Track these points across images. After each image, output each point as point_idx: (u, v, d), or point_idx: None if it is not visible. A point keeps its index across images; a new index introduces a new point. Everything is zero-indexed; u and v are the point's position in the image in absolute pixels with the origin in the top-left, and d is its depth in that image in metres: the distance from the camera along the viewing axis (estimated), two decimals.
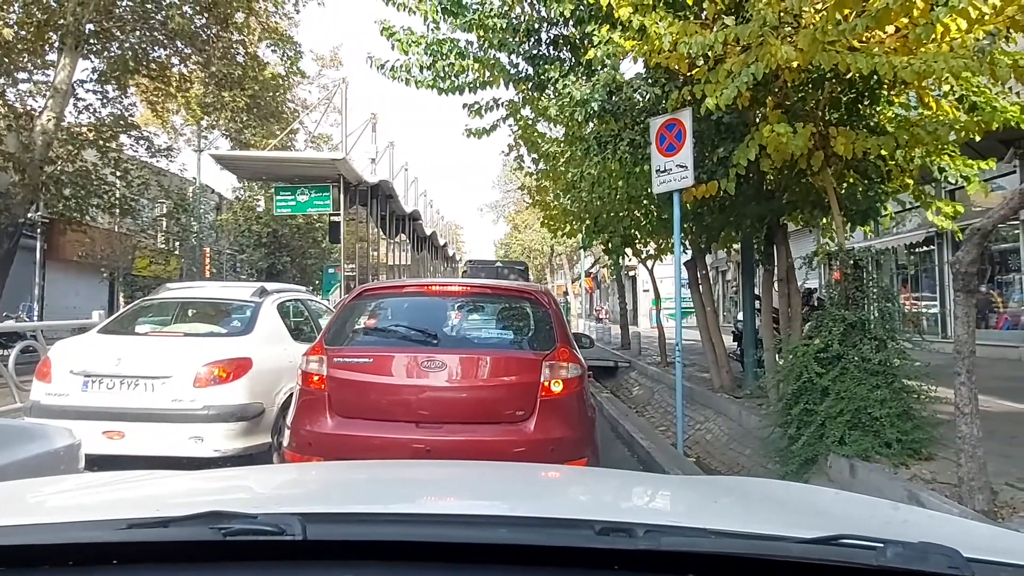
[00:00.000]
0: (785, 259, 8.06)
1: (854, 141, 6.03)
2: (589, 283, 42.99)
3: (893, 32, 5.42)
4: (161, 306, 7.36)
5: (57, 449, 3.02)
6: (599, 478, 2.55)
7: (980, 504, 3.96)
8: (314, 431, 4.56)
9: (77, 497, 1.76)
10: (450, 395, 4.58)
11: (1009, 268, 13.52)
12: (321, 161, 23.46)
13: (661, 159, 6.85)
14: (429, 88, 7.92)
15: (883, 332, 5.50)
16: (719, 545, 1.10)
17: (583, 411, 4.70)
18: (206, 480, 2.16)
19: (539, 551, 1.10)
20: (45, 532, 1.19)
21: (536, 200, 16.85)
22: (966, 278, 4.10)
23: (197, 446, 5.62)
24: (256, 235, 30.29)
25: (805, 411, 5.47)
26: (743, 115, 6.82)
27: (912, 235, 15.70)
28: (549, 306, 5.02)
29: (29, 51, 17.13)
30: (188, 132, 30.46)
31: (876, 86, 6.40)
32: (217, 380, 5.79)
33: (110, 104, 19.24)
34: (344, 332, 5.04)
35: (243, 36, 19.88)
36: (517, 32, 7.69)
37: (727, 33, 5.36)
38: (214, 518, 1.10)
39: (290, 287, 8.78)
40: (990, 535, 1.68)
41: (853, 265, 5.84)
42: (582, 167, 10.08)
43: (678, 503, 1.90)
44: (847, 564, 1.03)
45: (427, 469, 2.63)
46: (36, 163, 15.93)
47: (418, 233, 39.90)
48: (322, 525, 1.14)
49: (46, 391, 5.90)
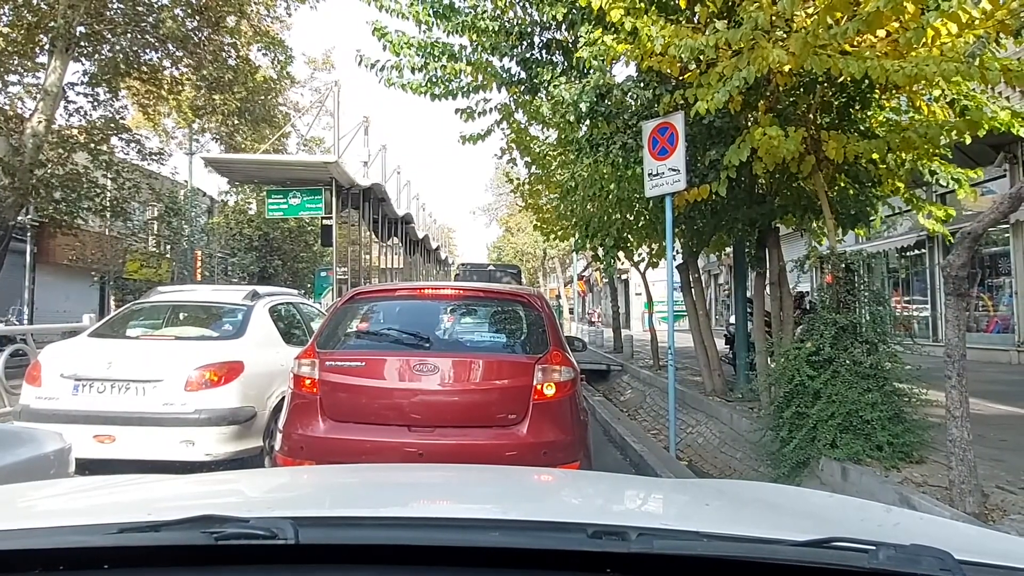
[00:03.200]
0: (777, 262, 8.08)
1: (845, 145, 6.06)
2: (582, 286, 43.06)
3: (884, 36, 5.45)
4: (152, 309, 7.32)
5: (47, 453, 3.01)
6: (592, 481, 2.55)
7: (971, 507, 3.97)
8: (306, 435, 4.54)
9: (68, 501, 1.75)
10: (443, 399, 4.57)
11: (999, 272, 13.60)
12: (313, 164, 23.42)
13: (653, 163, 6.86)
14: (422, 94, 7.91)
15: (874, 335, 5.52)
16: (711, 548, 1.10)
17: (576, 415, 4.69)
18: (198, 484, 2.15)
19: (532, 554, 1.10)
20: (36, 536, 1.18)
21: (529, 203, 16.87)
22: (957, 281, 4.12)
23: (188, 450, 5.60)
24: (248, 238, 30.22)
25: (797, 414, 5.48)
26: (735, 119, 6.84)
27: (903, 239, 15.79)
28: (542, 309, 5.02)
29: (19, 53, 17.04)
30: (180, 135, 30.40)
31: (868, 90, 6.44)
32: (208, 384, 5.76)
33: (101, 107, 19.15)
34: (336, 336, 5.02)
35: (234, 39, 19.83)
36: (510, 36, 7.70)
37: (718, 37, 5.38)
38: (206, 522, 1.10)
39: (282, 290, 8.76)
40: (981, 537, 1.69)
41: (845, 268, 5.86)
42: (574, 169, 10.10)
43: (670, 506, 1.90)
44: (839, 567, 1.03)
45: (419, 473, 2.62)
46: (26, 166, 15.83)
47: (410, 236, 39.86)
48: (314, 529, 1.14)
49: (36, 395, 5.86)
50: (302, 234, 31.98)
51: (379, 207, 29.69)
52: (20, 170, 15.72)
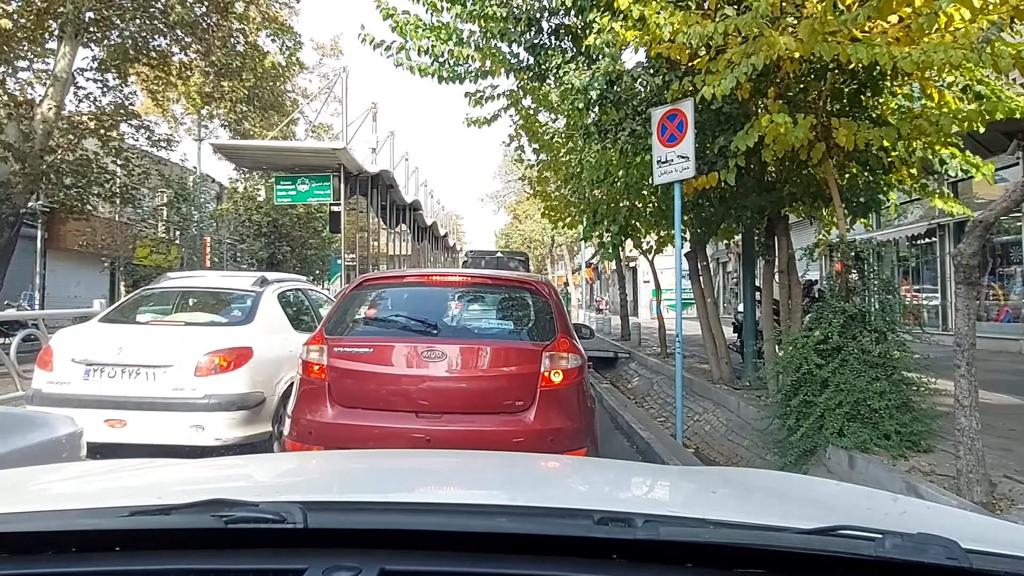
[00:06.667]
0: (786, 250, 8.05)
1: (856, 132, 6.01)
2: (590, 274, 42.98)
3: (896, 22, 5.39)
4: (162, 295, 7.36)
5: (59, 437, 3.03)
6: (598, 468, 2.55)
7: (978, 496, 3.97)
8: (314, 420, 4.57)
9: (79, 485, 1.76)
10: (450, 385, 4.59)
11: (1011, 260, 13.51)
12: (322, 151, 23.40)
13: (662, 149, 6.83)
14: (430, 76, 7.87)
15: (883, 324, 5.51)
16: (718, 535, 1.10)
17: (583, 402, 4.70)
18: (207, 468, 2.17)
19: (538, 540, 1.10)
20: (48, 519, 1.20)
21: (537, 191, 16.84)
22: (967, 270, 4.10)
23: (198, 434, 5.63)
24: (256, 225, 30.24)
25: (804, 402, 5.48)
26: (744, 106, 6.79)
27: (914, 227, 15.70)
28: (549, 296, 5.02)
29: (29, 39, 17.08)
30: (188, 121, 30.41)
31: (879, 77, 6.37)
32: (218, 369, 5.80)
33: (110, 93, 19.19)
34: (344, 322, 5.04)
35: (243, 25, 19.80)
36: (519, 22, 7.64)
37: (727, 24, 5.33)
38: (216, 506, 1.11)
39: (291, 277, 8.78)
40: (988, 526, 1.69)
41: (854, 257, 5.84)
42: (582, 156, 10.07)
43: (677, 493, 1.91)
44: (845, 555, 1.03)
45: (427, 459, 2.63)
46: (36, 152, 15.91)
47: (418, 223, 39.85)
48: (323, 513, 1.15)
49: (48, 379, 5.91)
50: (311, 220, 31.98)
51: (387, 194, 29.67)
52: (31, 156, 15.80)
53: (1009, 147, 11.81)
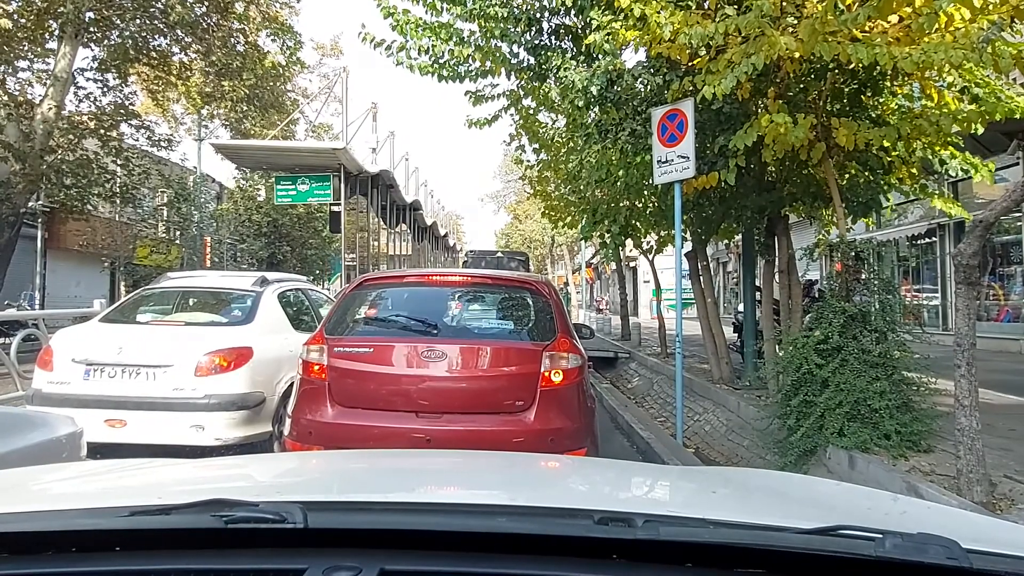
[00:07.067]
0: (786, 250, 8.05)
1: (856, 132, 6.01)
2: (590, 273, 42.99)
3: (896, 22, 5.39)
4: (162, 295, 7.36)
5: (59, 437, 3.03)
6: (598, 468, 2.55)
7: (978, 496, 3.97)
8: (315, 420, 4.57)
9: (79, 485, 1.76)
10: (450, 385, 4.59)
11: (1011, 260, 13.51)
12: (322, 150, 23.40)
13: (663, 149, 6.83)
14: (429, 74, 7.87)
15: (883, 324, 5.50)
16: (718, 535, 1.10)
17: (583, 402, 4.70)
18: (207, 468, 2.17)
19: (538, 540, 1.10)
20: (48, 519, 1.20)
21: (537, 190, 16.83)
22: (967, 270, 4.10)
23: (198, 434, 5.63)
24: (256, 224, 30.25)
25: (804, 402, 5.48)
26: (744, 105, 6.79)
27: (914, 227, 15.70)
28: (550, 296, 5.02)
29: (29, 39, 17.08)
30: (189, 121, 30.41)
31: (879, 77, 6.37)
32: (218, 369, 5.80)
33: (110, 93, 19.19)
34: (344, 322, 5.04)
35: (243, 25, 19.80)
36: (519, 21, 7.64)
37: (728, 24, 5.33)
38: (216, 506, 1.11)
39: (291, 276, 8.78)
40: (988, 526, 1.69)
41: (854, 257, 5.84)
42: (582, 156, 10.06)
43: (677, 493, 1.91)
44: (846, 555, 1.03)
45: (427, 458, 2.63)
46: (37, 152, 15.91)
47: (419, 223, 39.86)
48: (323, 513, 1.15)
49: (48, 379, 5.91)
50: (311, 220, 31.99)
51: (387, 194, 29.68)
52: (31, 156, 15.80)
53: (1009, 147, 11.81)
